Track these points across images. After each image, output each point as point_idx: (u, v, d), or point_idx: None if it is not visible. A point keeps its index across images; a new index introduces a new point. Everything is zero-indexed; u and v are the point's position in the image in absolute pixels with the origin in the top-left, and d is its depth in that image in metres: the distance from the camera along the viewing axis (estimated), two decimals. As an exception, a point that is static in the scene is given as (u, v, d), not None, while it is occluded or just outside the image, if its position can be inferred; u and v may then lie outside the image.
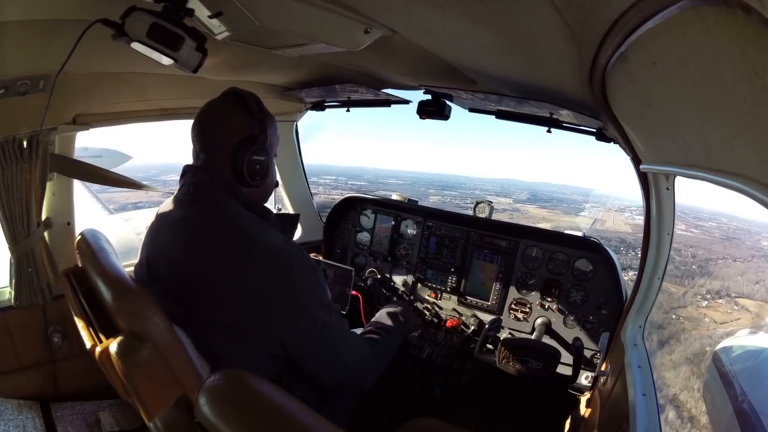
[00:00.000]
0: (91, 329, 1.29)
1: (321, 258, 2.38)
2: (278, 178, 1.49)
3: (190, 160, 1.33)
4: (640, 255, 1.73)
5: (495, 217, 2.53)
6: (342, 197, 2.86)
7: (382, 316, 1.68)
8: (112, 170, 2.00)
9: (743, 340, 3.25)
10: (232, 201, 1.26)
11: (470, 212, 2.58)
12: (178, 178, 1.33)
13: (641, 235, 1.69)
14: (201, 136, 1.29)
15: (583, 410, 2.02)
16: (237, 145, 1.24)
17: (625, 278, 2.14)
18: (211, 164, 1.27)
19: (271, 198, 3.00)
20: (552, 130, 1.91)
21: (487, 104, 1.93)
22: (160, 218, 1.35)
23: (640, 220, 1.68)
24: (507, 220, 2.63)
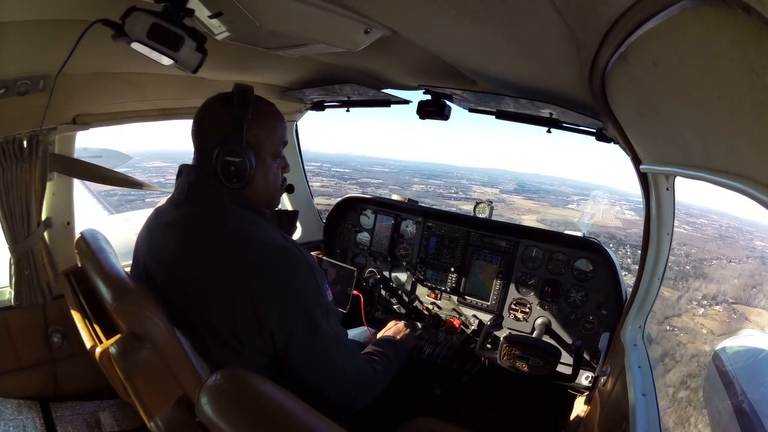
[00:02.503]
0: (90, 329, 1.29)
1: (323, 257, 2.37)
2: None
3: (172, 147, 1.32)
4: (630, 253, 1.73)
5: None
6: (320, 181, 2.86)
7: (382, 343, 1.65)
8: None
9: (743, 340, 3.25)
10: (225, 200, 1.23)
11: (457, 207, 2.58)
12: (160, 164, 1.32)
13: (632, 231, 1.69)
14: (194, 136, 1.27)
15: (583, 410, 2.02)
16: (215, 145, 1.20)
17: None
18: (200, 164, 1.25)
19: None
20: (552, 130, 1.91)
21: (487, 104, 1.93)
22: (155, 219, 1.33)
23: (630, 215, 1.69)
24: (502, 220, 2.62)
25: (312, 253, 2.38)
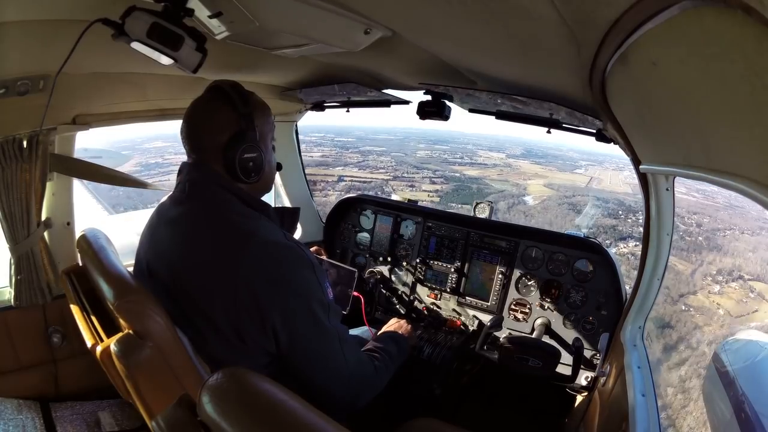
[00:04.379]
0: (92, 328, 1.29)
1: (324, 257, 2.37)
2: (277, 174, 1.46)
3: (174, 128, 1.32)
4: (643, 221, 1.70)
5: (484, 173, 2.54)
6: (321, 151, 2.85)
7: (383, 338, 1.66)
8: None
9: (743, 339, 3.25)
10: (229, 196, 1.24)
11: (461, 172, 2.58)
12: (161, 144, 1.33)
13: (641, 197, 1.66)
14: (190, 138, 1.27)
15: (583, 411, 2.02)
16: (226, 144, 1.21)
17: (625, 250, 2.12)
18: (204, 163, 1.25)
19: (271, 196, 3.02)
20: (552, 130, 1.91)
21: (487, 104, 1.93)
22: (158, 216, 1.34)
23: None
24: (508, 186, 2.61)
25: (312, 249, 2.39)
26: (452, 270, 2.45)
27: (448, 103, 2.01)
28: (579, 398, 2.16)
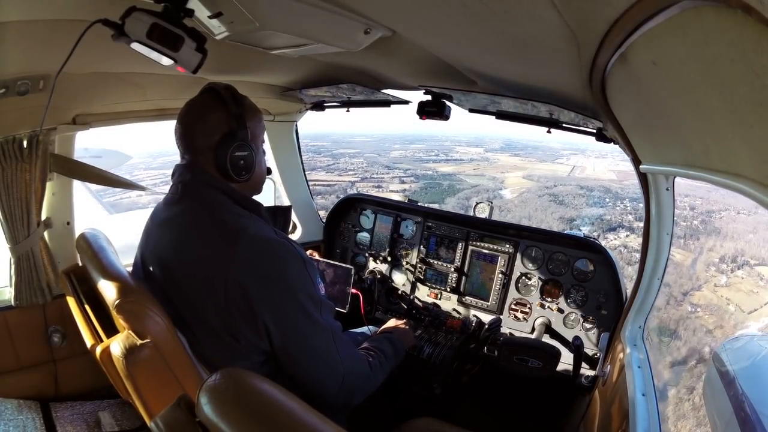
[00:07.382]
0: (91, 328, 1.29)
1: (319, 257, 2.37)
2: (275, 171, 1.47)
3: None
4: (631, 207, 1.69)
5: (459, 168, 2.53)
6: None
7: (380, 338, 1.66)
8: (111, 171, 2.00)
9: (743, 339, 3.25)
10: (220, 196, 1.25)
11: (434, 169, 2.58)
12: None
13: (628, 182, 1.64)
14: (183, 138, 1.28)
15: (583, 410, 2.02)
16: (218, 144, 1.23)
17: (616, 242, 2.10)
18: (196, 163, 1.27)
19: (271, 197, 3.02)
20: (552, 130, 1.92)
21: (487, 104, 1.93)
22: (152, 218, 1.35)
23: (624, 165, 1.62)
24: (486, 179, 2.60)
25: (308, 252, 2.39)
26: (452, 269, 2.45)
27: (448, 103, 2.01)
28: (579, 398, 2.16)
